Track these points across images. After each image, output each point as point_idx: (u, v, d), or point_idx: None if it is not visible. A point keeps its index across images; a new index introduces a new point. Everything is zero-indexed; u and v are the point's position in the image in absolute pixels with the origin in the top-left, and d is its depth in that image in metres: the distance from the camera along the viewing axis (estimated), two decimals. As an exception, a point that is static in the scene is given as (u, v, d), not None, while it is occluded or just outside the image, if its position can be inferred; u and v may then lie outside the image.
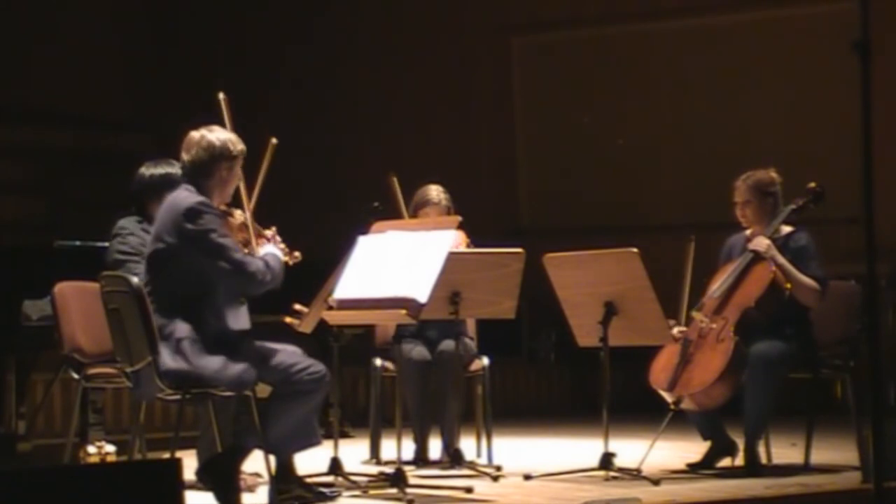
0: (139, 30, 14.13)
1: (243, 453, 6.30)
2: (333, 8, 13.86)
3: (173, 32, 14.27)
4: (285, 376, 6.16)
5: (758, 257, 7.38)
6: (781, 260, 7.34)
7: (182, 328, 6.08)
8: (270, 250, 6.30)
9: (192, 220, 6.11)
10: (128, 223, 7.15)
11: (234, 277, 6.12)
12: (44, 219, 12.44)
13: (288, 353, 6.24)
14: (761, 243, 7.36)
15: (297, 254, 6.46)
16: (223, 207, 6.35)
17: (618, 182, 12.80)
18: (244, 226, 6.38)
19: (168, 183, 7.15)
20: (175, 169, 7.20)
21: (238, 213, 6.42)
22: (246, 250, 6.30)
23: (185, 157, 6.31)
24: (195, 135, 6.32)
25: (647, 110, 12.76)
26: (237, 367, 6.06)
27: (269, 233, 6.42)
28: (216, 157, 6.26)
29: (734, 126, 12.34)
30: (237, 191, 6.46)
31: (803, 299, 7.34)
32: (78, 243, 8.00)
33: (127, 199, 7.29)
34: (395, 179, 7.68)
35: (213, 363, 6.05)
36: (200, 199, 6.17)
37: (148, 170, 7.23)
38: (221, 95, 6.63)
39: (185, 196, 6.21)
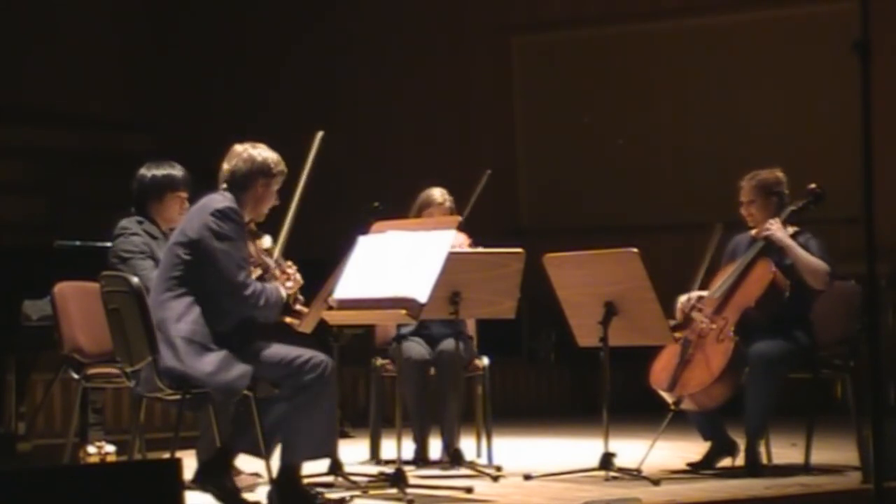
0: (139, 30, 14.13)
1: (232, 454, 6.29)
2: (333, 8, 13.87)
3: (173, 33, 14.28)
4: (289, 371, 6.14)
5: (757, 257, 7.39)
6: (790, 242, 7.33)
7: (182, 326, 6.08)
8: (277, 286, 6.31)
9: (218, 220, 6.14)
10: (129, 223, 7.14)
11: (228, 290, 6.11)
12: (44, 219, 12.44)
13: (287, 348, 6.22)
14: (773, 224, 7.35)
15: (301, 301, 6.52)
16: (254, 229, 6.37)
17: (618, 182, 12.80)
18: (267, 253, 6.40)
19: (169, 184, 7.17)
20: (176, 171, 7.21)
21: (267, 239, 6.45)
22: (257, 273, 6.33)
23: (225, 166, 6.36)
24: (239, 147, 6.40)
25: (647, 110, 12.76)
26: (230, 374, 6.05)
27: (290, 271, 6.43)
28: (255, 171, 6.31)
29: (734, 126, 12.35)
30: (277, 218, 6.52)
31: (811, 279, 7.29)
32: (78, 243, 8.01)
33: (127, 200, 7.29)
34: (486, 175, 7.78)
35: (205, 366, 6.03)
36: (235, 206, 6.22)
37: (149, 171, 7.22)
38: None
39: (220, 199, 6.26)
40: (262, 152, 6.37)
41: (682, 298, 7.44)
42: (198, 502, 6.13)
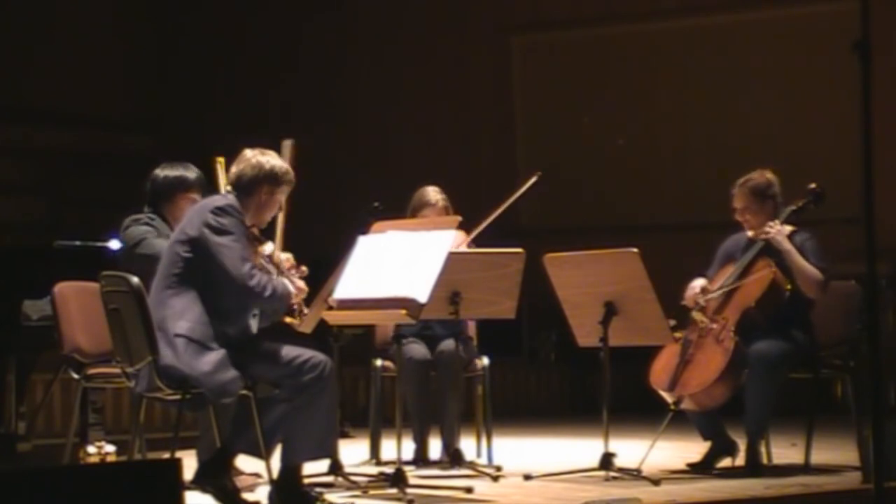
0: (140, 30, 14.14)
1: (231, 454, 6.30)
2: (334, 9, 13.87)
3: (174, 33, 14.28)
4: (288, 371, 6.14)
5: (757, 257, 7.38)
6: (788, 246, 7.33)
7: (182, 324, 6.07)
8: (284, 280, 6.31)
9: (216, 216, 6.16)
10: (138, 216, 7.13)
11: (232, 283, 6.11)
12: (44, 219, 12.45)
13: (287, 348, 6.22)
14: (773, 227, 7.35)
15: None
16: (257, 234, 6.37)
17: (618, 182, 12.80)
18: (269, 259, 6.40)
19: (180, 185, 7.16)
20: (190, 172, 7.20)
21: (269, 245, 6.46)
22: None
23: (233, 169, 6.38)
24: (248, 152, 6.40)
25: (647, 110, 12.76)
26: (226, 375, 6.04)
27: (293, 277, 6.43)
28: (261, 177, 6.31)
29: (734, 126, 12.35)
30: (275, 225, 6.54)
31: (805, 287, 7.29)
32: (78, 243, 8.00)
33: (133, 199, 7.28)
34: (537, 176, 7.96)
35: (203, 365, 6.03)
36: (235, 204, 6.22)
37: (163, 171, 7.22)
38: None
39: (220, 198, 6.30)
40: (271, 160, 6.37)
41: (695, 285, 7.40)
42: (198, 502, 6.14)
